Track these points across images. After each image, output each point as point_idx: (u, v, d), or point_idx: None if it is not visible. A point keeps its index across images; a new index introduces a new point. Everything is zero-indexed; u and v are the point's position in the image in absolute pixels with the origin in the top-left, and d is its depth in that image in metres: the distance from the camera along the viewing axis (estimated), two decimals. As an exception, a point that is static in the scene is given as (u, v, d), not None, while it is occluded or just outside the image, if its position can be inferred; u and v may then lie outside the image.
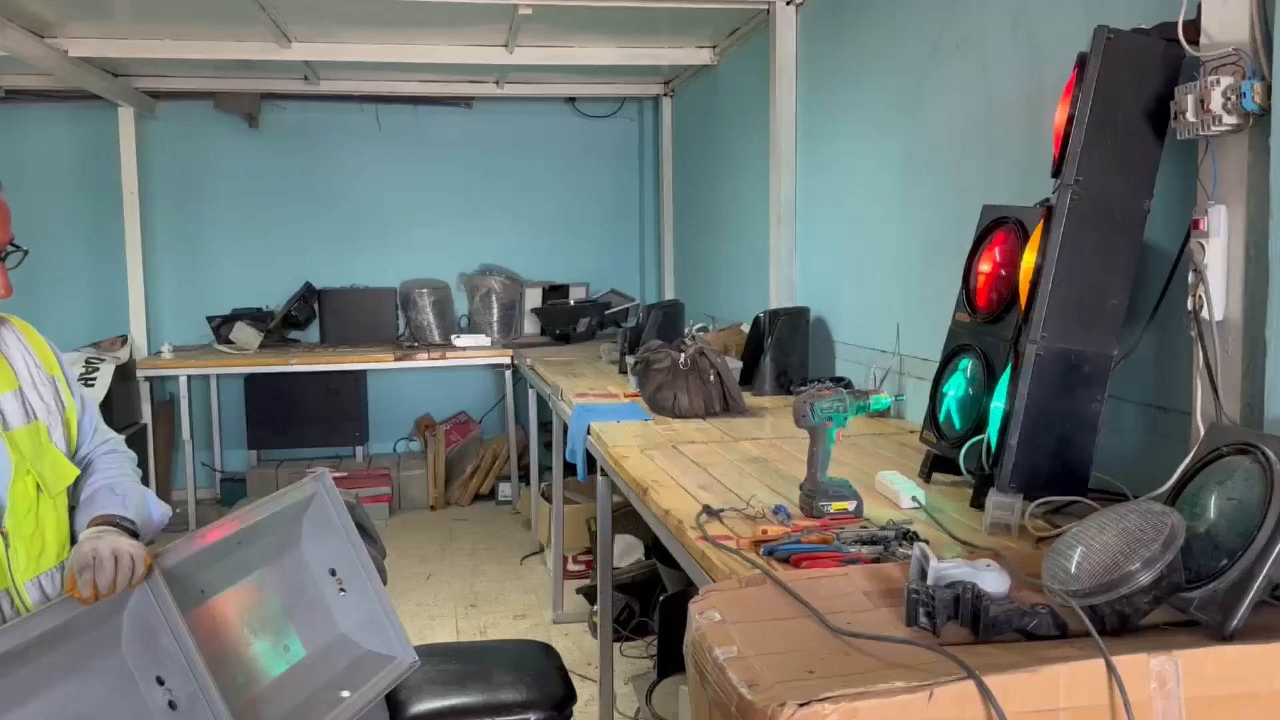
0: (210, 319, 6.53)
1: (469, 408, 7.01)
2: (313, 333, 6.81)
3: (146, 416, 6.17)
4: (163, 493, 6.44)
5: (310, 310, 6.73)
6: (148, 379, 6.16)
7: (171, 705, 1.65)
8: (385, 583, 2.25)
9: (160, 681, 1.65)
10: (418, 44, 5.40)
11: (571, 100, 7.15)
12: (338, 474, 6.32)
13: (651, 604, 4.24)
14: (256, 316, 6.52)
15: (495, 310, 6.75)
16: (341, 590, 2.07)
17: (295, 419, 6.70)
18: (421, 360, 6.16)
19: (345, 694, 1.93)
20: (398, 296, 6.78)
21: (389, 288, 6.77)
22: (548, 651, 2.53)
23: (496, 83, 6.54)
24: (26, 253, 1.82)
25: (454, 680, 2.39)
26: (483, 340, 6.38)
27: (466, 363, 6.34)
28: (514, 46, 5.36)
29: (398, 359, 6.10)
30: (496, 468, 6.66)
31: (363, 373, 6.70)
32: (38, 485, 1.78)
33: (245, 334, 6.30)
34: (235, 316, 6.49)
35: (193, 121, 6.73)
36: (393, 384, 6.94)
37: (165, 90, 6.47)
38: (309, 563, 2.06)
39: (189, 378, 6.17)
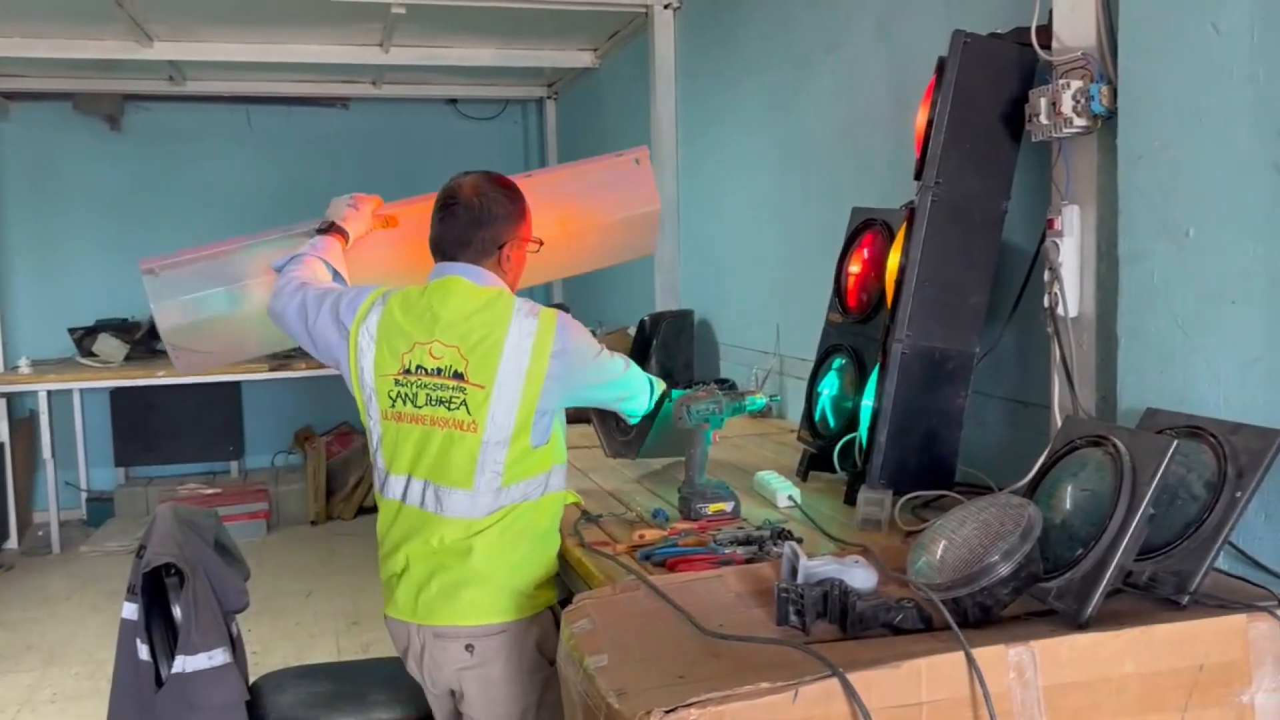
0: (72, 331, 6.21)
1: (351, 418, 6.81)
2: (183, 343, 6.54)
3: (4, 435, 5.84)
4: (23, 514, 6.11)
5: (180, 320, 6.47)
6: (4, 395, 5.84)
7: None
8: (247, 607, 2.15)
9: None
10: (289, 43, 5.24)
11: (453, 102, 7.05)
12: (210, 491, 6.08)
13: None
14: (122, 327, 6.23)
15: (377, 317, 6.59)
16: None
17: (165, 434, 6.43)
18: (299, 370, 5.97)
19: None
20: (274, 304, 6.57)
21: (264, 295, 6.55)
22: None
23: (374, 83, 6.41)
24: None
25: (324, 703, 2.30)
26: (365, 348, 6.21)
27: (348, 371, 6.16)
28: (389, 46, 5.25)
29: (273, 369, 5.90)
30: (381, 478, 6.49)
31: (236, 384, 6.47)
32: None
33: (109, 346, 6.01)
34: (99, 328, 6.19)
35: (50, 124, 6.41)
36: (269, 395, 6.71)
37: (19, 91, 6.15)
38: None
39: (49, 393, 5.87)
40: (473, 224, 2.07)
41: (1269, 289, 1.54)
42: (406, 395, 2.01)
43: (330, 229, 2.35)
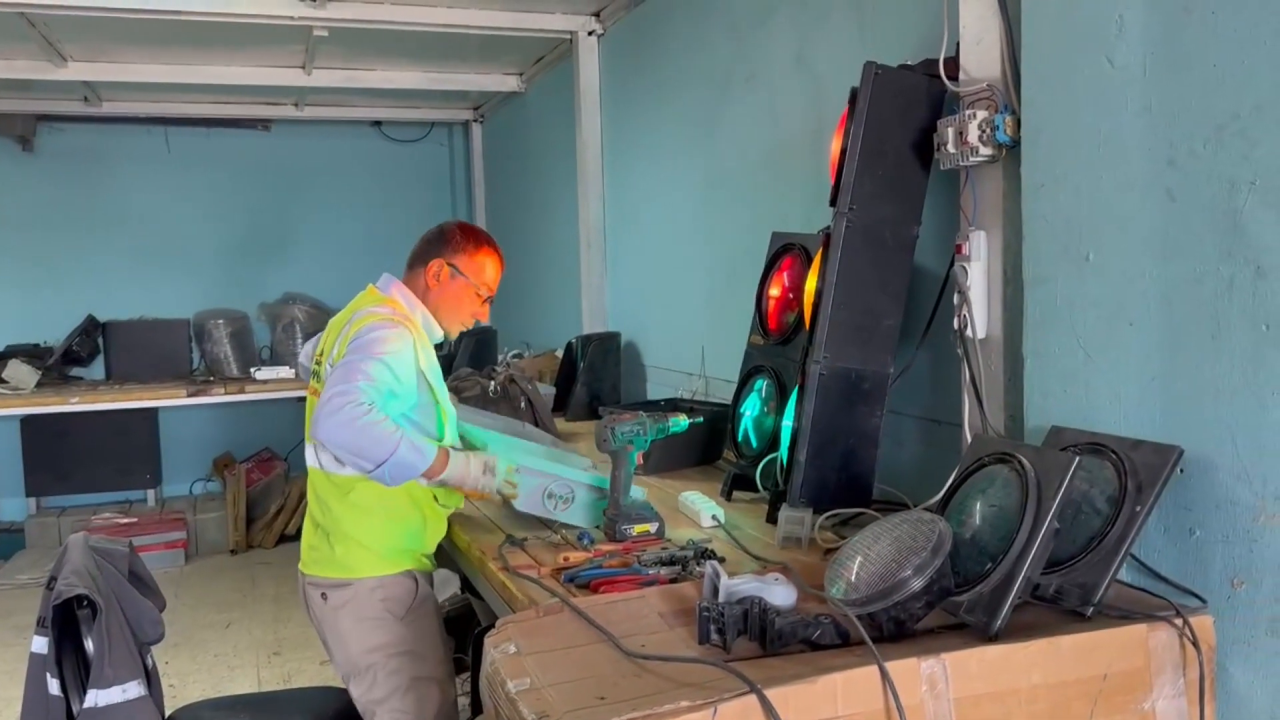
0: (-21, 357, 6.00)
1: (273, 443, 6.68)
2: (97, 369, 6.37)
3: (-95, 464, 5.61)
4: (-76, 549, 5.85)
5: (94, 345, 6.30)
6: (-95, 423, 5.61)
7: None
8: (162, 638, 2.10)
9: None
10: (208, 64, 5.16)
11: (378, 124, 7.00)
12: (126, 520, 5.91)
13: (467, 639, 4.15)
14: (33, 353, 6.04)
15: (299, 340, 6.48)
16: None
17: (79, 462, 6.23)
18: (218, 395, 5.84)
19: None
20: (191, 328, 6.42)
21: (181, 319, 6.39)
22: (346, 696, 2.42)
23: (296, 105, 6.32)
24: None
25: (242, 733, 2.25)
26: (285, 372, 6.08)
27: (269, 396, 6.03)
28: (312, 68, 5.20)
29: (191, 394, 5.76)
30: (303, 507, 6.36)
31: (153, 410, 6.29)
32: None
33: (20, 372, 5.81)
34: (9, 354, 5.99)
35: (-43, 144, 6.21)
36: (187, 421, 6.56)
37: (-76, 110, 5.94)
38: None
39: (-46, 421, 5.66)
40: (420, 241, 2.47)
41: (1164, 309, 1.61)
42: (314, 373, 2.42)
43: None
